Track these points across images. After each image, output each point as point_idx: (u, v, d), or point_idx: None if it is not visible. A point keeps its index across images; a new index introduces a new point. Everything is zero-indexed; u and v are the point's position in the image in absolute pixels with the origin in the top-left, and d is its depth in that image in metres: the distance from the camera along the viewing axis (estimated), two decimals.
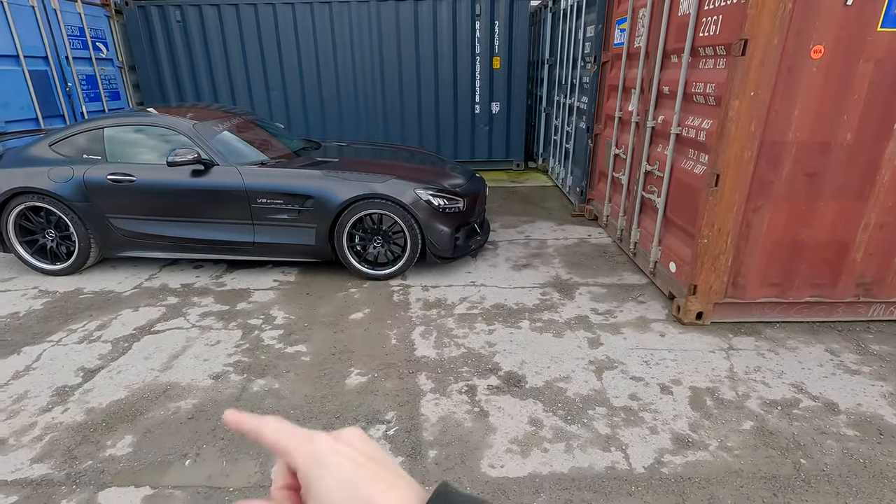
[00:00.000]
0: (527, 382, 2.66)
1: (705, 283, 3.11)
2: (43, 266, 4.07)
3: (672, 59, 3.54)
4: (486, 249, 4.63)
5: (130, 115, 4.13)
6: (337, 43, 7.42)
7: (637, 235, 4.12)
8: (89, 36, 7.07)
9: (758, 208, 2.95)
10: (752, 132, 2.75)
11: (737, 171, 2.84)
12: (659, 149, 3.74)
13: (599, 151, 5.24)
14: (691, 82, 3.19)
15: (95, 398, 2.58)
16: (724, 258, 3.05)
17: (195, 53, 7.53)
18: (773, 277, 3.13)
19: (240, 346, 3.07)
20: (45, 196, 3.86)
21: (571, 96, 6.14)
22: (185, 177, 3.83)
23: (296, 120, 7.83)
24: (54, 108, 6.52)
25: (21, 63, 5.98)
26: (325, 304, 3.60)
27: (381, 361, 2.88)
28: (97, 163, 3.91)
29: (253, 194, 3.81)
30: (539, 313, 3.42)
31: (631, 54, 4.33)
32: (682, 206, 3.35)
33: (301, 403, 2.54)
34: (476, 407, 2.48)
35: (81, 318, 3.42)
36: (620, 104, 4.55)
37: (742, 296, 3.17)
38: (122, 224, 3.96)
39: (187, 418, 2.43)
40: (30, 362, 2.91)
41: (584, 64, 5.56)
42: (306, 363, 2.89)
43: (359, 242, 3.95)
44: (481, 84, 7.62)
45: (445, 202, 3.90)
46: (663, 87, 3.62)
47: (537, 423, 2.37)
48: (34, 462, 2.16)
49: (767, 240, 3.01)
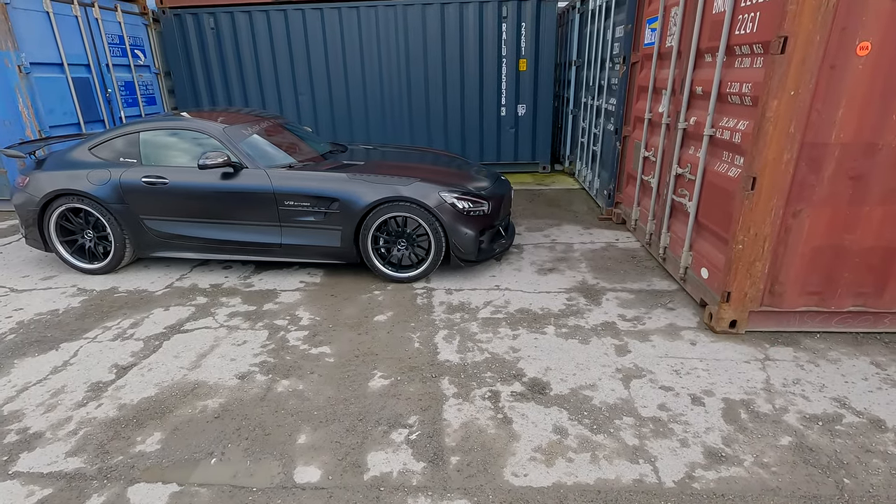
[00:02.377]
0: (551, 389, 2.61)
1: (740, 291, 2.99)
2: (81, 265, 4.23)
3: (706, 59, 3.43)
4: (511, 253, 4.58)
5: (164, 119, 4.26)
6: (364, 47, 7.50)
7: (667, 240, 4.00)
8: (128, 44, 7.34)
9: (797, 213, 2.82)
10: (792, 133, 2.63)
11: (775, 174, 2.72)
12: (691, 151, 3.62)
13: (628, 154, 5.12)
14: (726, 82, 3.09)
15: (127, 395, 2.65)
16: (760, 264, 2.93)
17: (227, 59, 7.73)
18: (813, 285, 2.98)
19: (266, 346, 3.11)
20: (85, 198, 4.01)
21: (599, 98, 6.03)
22: (216, 179, 3.92)
23: (323, 123, 7.95)
24: (95, 114, 6.79)
25: (65, 71, 6.26)
26: (349, 306, 3.62)
27: (405, 365, 2.87)
28: (133, 166, 4.04)
29: (281, 196, 3.87)
30: (565, 319, 3.35)
31: (662, 54, 4.22)
32: (716, 211, 3.23)
33: (324, 405, 2.55)
34: (499, 413, 2.44)
35: (116, 316, 3.53)
36: (650, 105, 4.44)
37: (779, 304, 3.04)
38: (155, 225, 4.07)
39: (213, 417, 2.47)
40: (67, 358, 3.02)
41: (613, 65, 5.46)
42: (330, 364, 2.90)
43: (383, 245, 3.96)
44: (507, 86, 7.57)
45: (470, 205, 3.87)
46: (696, 88, 3.51)
47: (562, 431, 2.31)
48: (69, 456, 2.23)
49: (808, 245, 2.88)
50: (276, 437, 2.33)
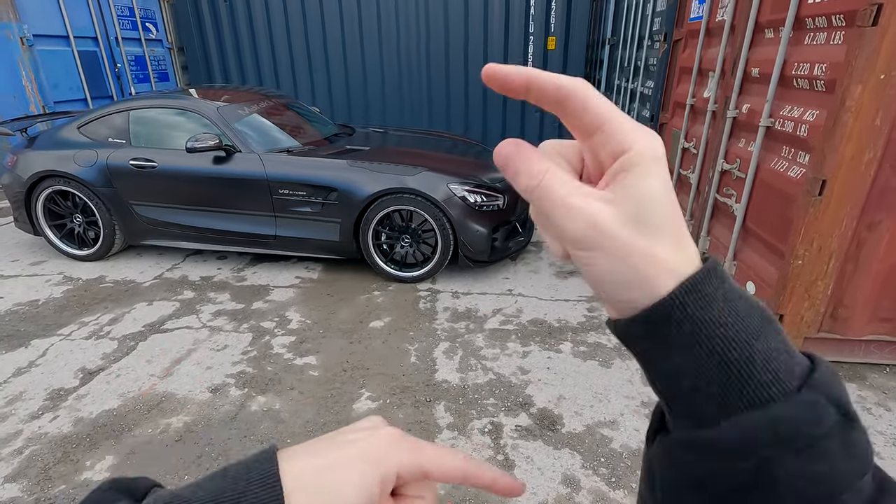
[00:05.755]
0: (563, 425, 2.22)
1: (795, 313, 2.52)
2: (70, 251, 4.01)
3: (766, 34, 2.89)
4: (529, 252, 4.16)
5: (156, 97, 3.96)
6: (382, 22, 7.05)
7: (706, 245, 3.51)
8: (139, 16, 7.07)
9: (875, 224, 2.32)
10: (878, 127, 2.13)
11: (850, 176, 2.22)
12: (741, 144, 3.11)
13: (665, 144, 4.59)
14: (792, 62, 2.56)
15: (87, 406, 2.39)
16: (822, 284, 2.45)
17: (240, 34, 7.39)
18: (886, 310, 2.49)
19: (247, 353, 2.81)
20: (72, 180, 3.76)
21: (634, 80, 5.47)
22: (207, 163, 3.61)
23: (338, 103, 7.57)
24: (103, 89, 6.57)
25: (71, 44, 6.03)
26: (345, 308, 3.29)
27: (397, 383, 2.53)
28: (121, 147, 3.76)
29: (275, 184, 3.53)
30: (584, 334, 2.94)
31: (711, 30, 3.67)
32: (769, 216, 2.74)
33: (300, 430, 2.23)
34: (500, 454, 2.08)
35: (96, 310, 3.29)
36: (694, 90, 3.90)
37: (843, 331, 2.56)
38: (145, 211, 3.80)
39: (175, 440, 2.18)
40: (34, 357, 2.78)
41: (652, 43, 4.88)
42: (314, 379, 2.58)
43: (385, 241, 3.60)
44: (534, 66, 7.00)
45: (483, 199, 3.47)
46: (751, 69, 2.99)
47: (573, 483, 1.93)
48: (7, 481, 1.97)
49: (884, 264, 2.38)
50: None
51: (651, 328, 0.26)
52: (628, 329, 0.27)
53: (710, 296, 0.25)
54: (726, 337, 0.24)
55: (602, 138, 0.27)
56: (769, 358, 0.24)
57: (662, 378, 0.27)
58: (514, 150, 0.29)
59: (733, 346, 0.24)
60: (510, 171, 0.29)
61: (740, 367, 0.24)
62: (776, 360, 0.24)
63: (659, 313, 0.25)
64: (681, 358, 0.25)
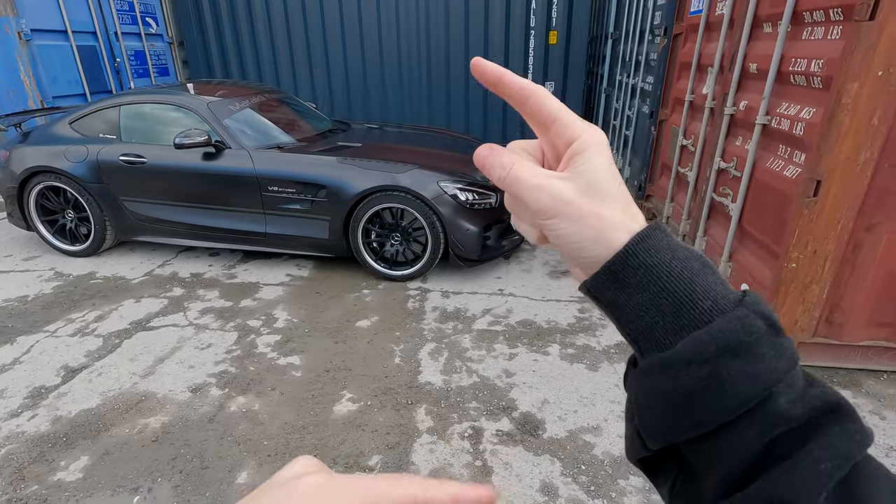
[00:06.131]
0: (545, 430, 2.17)
1: (789, 318, 2.45)
2: (63, 246, 4.01)
3: (764, 29, 2.80)
4: (523, 250, 4.10)
5: (147, 92, 3.93)
6: (382, 17, 6.98)
7: (702, 245, 3.44)
8: (139, 11, 7.06)
9: (872, 227, 2.24)
10: (875, 126, 2.04)
11: (847, 176, 2.14)
12: (738, 142, 3.03)
13: (664, 141, 4.50)
14: (789, 58, 2.48)
15: (67, 405, 2.37)
16: (817, 288, 2.37)
17: (240, 29, 7.35)
18: (884, 315, 2.41)
19: (231, 352, 2.78)
20: (62, 176, 3.75)
21: (635, 76, 5.36)
22: (197, 159, 3.58)
23: (339, 99, 7.52)
24: (102, 84, 6.57)
25: (69, 38, 6.02)
26: (333, 307, 3.25)
27: (379, 385, 2.49)
28: (112, 142, 3.74)
29: (264, 181, 3.50)
30: (573, 336, 2.89)
31: (710, 24, 3.57)
32: (765, 217, 2.67)
33: (278, 433, 2.19)
34: (478, 459, 2.03)
35: (84, 306, 3.28)
36: (693, 85, 3.81)
37: (839, 336, 2.48)
38: (135, 207, 3.78)
39: (151, 441, 2.15)
40: (19, 355, 2.77)
41: (653, 37, 4.78)
42: (296, 380, 2.55)
43: (376, 239, 3.55)
44: (535, 62, 6.93)
45: (475, 197, 3.41)
46: (749, 65, 2.90)
47: (551, 491, 1.88)
48: None
49: (882, 268, 2.30)
50: (213, 472, 2.00)
51: (612, 276, 0.31)
52: (596, 282, 0.32)
53: (657, 245, 0.31)
54: (671, 276, 0.30)
55: (556, 130, 0.34)
56: (707, 289, 0.30)
57: (627, 320, 0.32)
58: (489, 150, 0.35)
59: (678, 282, 0.30)
60: (486, 168, 0.35)
61: (685, 297, 0.30)
62: (713, 290, 0.30)
63: (618, 262, 0.31)
64: (639, 297, 0.31)
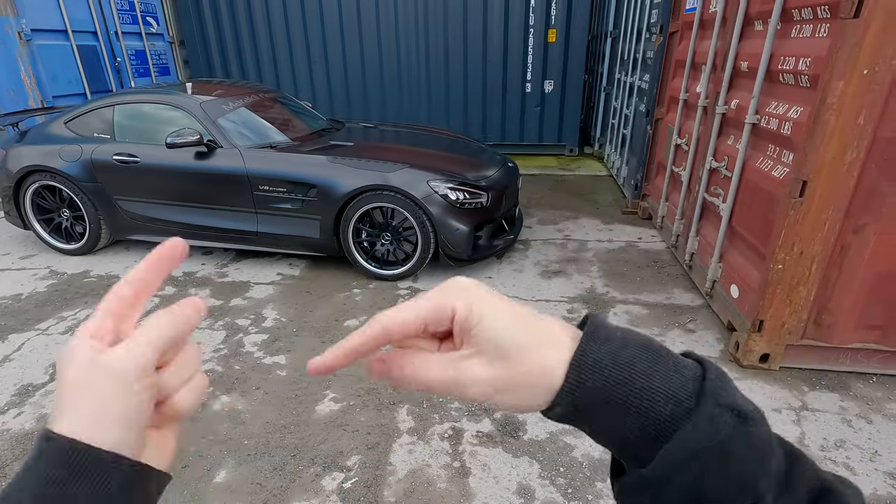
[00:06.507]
0: (526, 432, 2.16)
1: (776, 320, 2.42)
2: (58, 245, 4.04)
3: (756, 27, 2.77)
4: (516, 249, 4.09)
5: (141, 92, 3.95)
6: (381, 15, 6.97)
7: (695, 245, 3.41)
8: (139, 10, 7.09)
9: (860, 228, 2.20)
10: (861, 126, 2.01)
11: (833, 177, 2.11)
12: (729, 141, 3.00)
13: (659, 140, 4.47)
14: (778, 56, 2.45)
15: (52, 403, 2.39)
16: (804, 289, 2.34)
17: (240, 28, 7.37)
18: (873, 318, 2.37)
19: (218, 350, 2.80)
20: (57, 175, 3.78)
21: (633, 74, 5.32)
22: (189, 159, 3.59)
23: (338, 98, 7.52)
24: (103, 84, 6.61)
25: (69, 38, 6.07)
26: (322, 306, 3.26)
27: (363, 385, 2.49)
28: (106, 142, 3.77)
29: (255, 180, 3.51)
30: None
31: (704, 21, 3.53)
32: (753, 217, 2.64)
33: (259, 432, 2.20)
34: (457, 460, 2.03)
35: (77, 304, 3.31)
36: (687, 84, 3.77)
37: (827, 338, 2.45)
38: (129, 206, 3.81)
39: None
40: (9, 352, 2.80)
41: (650, 35, 4.74)
42: (280, 379, 2.55)
43: (366, 238, 3.55)
44: (534, 60, 6.89)
45: (466, 196, 3.40)
46: (741, 63, 2.87)
47: (528, 492, 1.87)
48: None
49: (870, 270, 2.26)
50: (193, 471, 2.01)
51: (566, 410, 0.30)
52: (553, 415, 0.31)
53: (598, 362, 0.29)
54: (627, 392, 0.29)
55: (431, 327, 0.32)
56: (665, 390, 0.28)
57: (599, 439, 0.31)
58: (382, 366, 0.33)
59: (634, 396, 0.28)
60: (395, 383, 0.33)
61: (646, 409, 0.28)
62: (672, 388, 0.28)
63: (565, 400, 0.30)
64: (603, 419, 0.30)
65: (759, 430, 0.28)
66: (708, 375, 0.29)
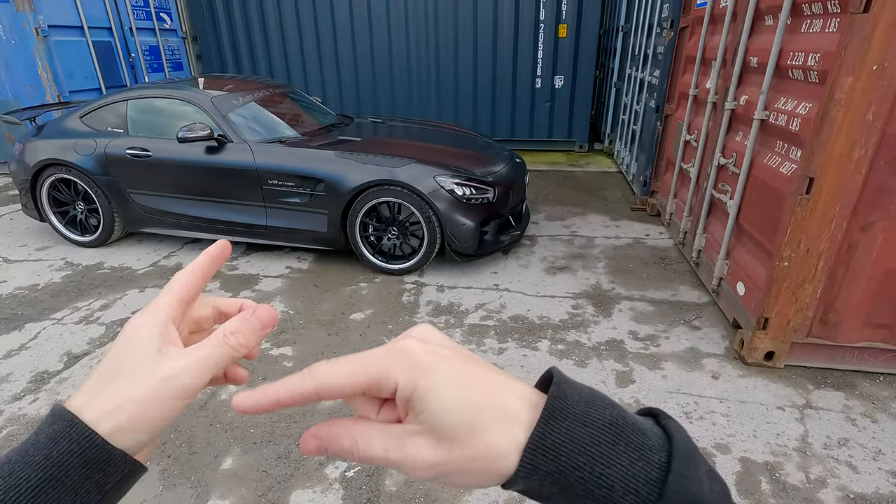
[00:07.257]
0: None
1: (782, 318, 2.41)
2: (73, 237, 4.14)
3: (766, 21, 2.74)
4: (522, 245, 4.09)
5: (153, 87, 4.01)
6: (391, 11, 6.97)
7: (702, 242, 3.39)
8: (153, 6, 7.18)
9: (868, 226, 2.18)
10: (870, 122, 1.99)
11: (840, 174, 2.09)
12: (738, 137, 2.97)
13: (669, 136, 4.43)
14: (787, 51, 2.42)
15: (67, 390, 2.47)
16: (811, 287, 2.33)
17: (252, 24, 7.43)
18: (880, 316, 2.35)
19: None
20: (72, 169, 3.86)
21: (644, 69, 5.28)
22: (200, 153, 3.65)
23: (348, 93, 7.55)
24: (118, 79, 6.72)
25: (85, 34, 6.17)
26: (329, 300, 3.30)
27: None
28: (119, 136, 3.84)
29: (264, 175, 3.55)
30: (564, 332, 2.88)
31: (715, 16, 3.50)
32: (761, 214, 2.62)
33: (264, 421, 2.25)
34: None
35: (91, 295, 3.39)
36: (697, 79, 3.74)
37: (833, 336, 2.43)
38: (142, 200, 3.88)
39: None
40: (26, 340, 2.88)
41: (661, 30, 4.70)
42: (287, 370, 2.60)
43: (373, 233, 3.58)
44: (544, 55, 6.86)
45: (472, 191, 3.41)
46: (750, 59, 2.84)
47: None
48: None
49: (878, 268, 2.24)
50: (200, 457, 2.06)
51: (525, 492, 0.28)
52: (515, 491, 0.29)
53: (555, 445, 0.27)
54: (584, 479, 0.27)
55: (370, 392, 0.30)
56: (626, 479, 0.26)
57: None
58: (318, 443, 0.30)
59: (593, 484, 0.26)
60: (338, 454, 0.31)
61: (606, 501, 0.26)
62: (633, 478, 0.26)
63: (519, 484, 0.28)
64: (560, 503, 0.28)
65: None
66: (674, 460, 0.26)
